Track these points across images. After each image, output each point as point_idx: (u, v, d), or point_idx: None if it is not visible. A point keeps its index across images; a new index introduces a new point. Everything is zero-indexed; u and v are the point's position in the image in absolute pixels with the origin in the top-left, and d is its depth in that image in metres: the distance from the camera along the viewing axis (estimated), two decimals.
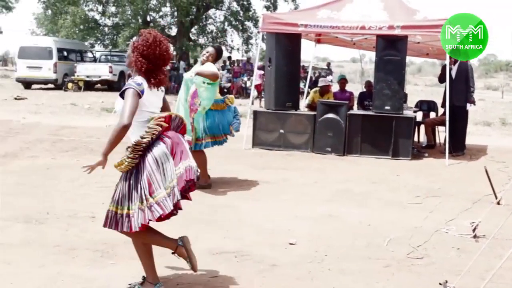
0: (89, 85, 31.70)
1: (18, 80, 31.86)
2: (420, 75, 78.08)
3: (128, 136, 4.47)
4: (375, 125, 12.00)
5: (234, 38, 75.36)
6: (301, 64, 19.64)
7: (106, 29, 39.00)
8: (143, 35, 4.55)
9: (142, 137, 4.34)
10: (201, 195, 8.05)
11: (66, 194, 7.91)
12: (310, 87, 18.64)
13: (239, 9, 39.40)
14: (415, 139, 13.49)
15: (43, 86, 31.74)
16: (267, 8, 38.24)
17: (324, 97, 13.35)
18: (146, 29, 4.66)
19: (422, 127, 13.98)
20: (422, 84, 57.64)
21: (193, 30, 39.27)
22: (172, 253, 4.71)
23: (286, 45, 12.62)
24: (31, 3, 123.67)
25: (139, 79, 4.49)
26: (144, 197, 4.29)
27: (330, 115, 12.08)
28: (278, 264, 5.44)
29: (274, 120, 12.62)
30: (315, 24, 12.28)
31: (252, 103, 20.41)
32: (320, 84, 14.00)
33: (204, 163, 8.66)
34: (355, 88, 23.40)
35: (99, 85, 32.95)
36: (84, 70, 31.83)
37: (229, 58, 38.37)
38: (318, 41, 15.74)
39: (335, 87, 15.43)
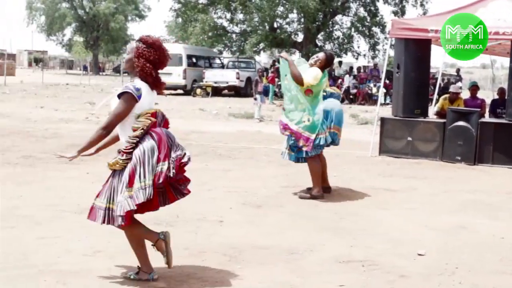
0: (217, 91, 32.47)
1: None
2: None
3: (119, 137, 4.76)
4: (508, 133, 11.53)
5: (360, 44, 74.91)
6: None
7: (234, 36, 39.80)
8: (147, 41, 4.77)
9: (134, 130, 4.57)
10: (327, 203, 8.03)
11: (195, 198, 8.01)
12: (439, 94, 18.22)
13: (366, 15, 39.18)
14: None
15: (172, 91, 32.70)
16: (395, 13, 37.81)
17: (454, 104, 12.98)
18: (145, 35, 4.88)
19: None
20: None
21: (319, 36, 39.39)
22: (152, 245, 4.87)
23: (415, 51, 12.33)
24: (162, 12, 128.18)
25: (139, 83, 4.69)
26: (125, 188, 4.54)
27: (461, 123, 11.72)
28: (407, 275, 5.31)
29: (401, 128, 12.38)
30: None
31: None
32: (450, 91, 13.65)
33: (316, 171, 8.28)
34: (486, 95, 22.59)
35: (226, 91, 33.66)
36: (212, 76, 32.63)
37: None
38: None
39: (465, 94, 14.97)
